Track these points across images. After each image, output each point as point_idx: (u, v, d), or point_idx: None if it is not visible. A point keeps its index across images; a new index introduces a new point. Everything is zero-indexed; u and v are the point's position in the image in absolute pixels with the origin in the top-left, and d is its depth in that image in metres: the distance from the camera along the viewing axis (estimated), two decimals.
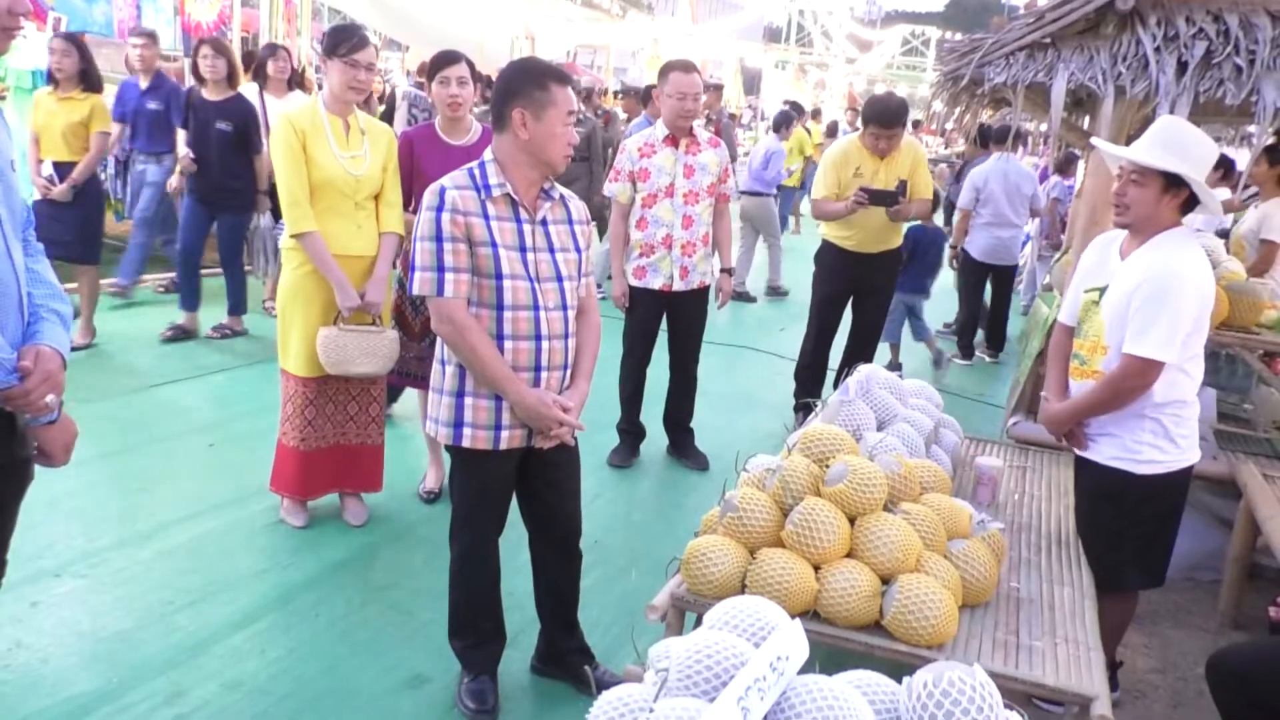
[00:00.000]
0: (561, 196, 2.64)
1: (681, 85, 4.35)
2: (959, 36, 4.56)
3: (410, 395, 4.41)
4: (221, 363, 4.71)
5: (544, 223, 2.58)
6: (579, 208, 2.69)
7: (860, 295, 5.22)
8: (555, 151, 2.53)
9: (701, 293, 4.60)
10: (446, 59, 3.75)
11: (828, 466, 2.51)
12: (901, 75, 40.93)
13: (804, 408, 5.35)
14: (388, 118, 7.68)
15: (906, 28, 52.49)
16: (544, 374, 2.58)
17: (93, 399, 4.74)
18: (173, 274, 6.33)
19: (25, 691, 2.66)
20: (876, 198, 4.79)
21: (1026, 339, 5.16)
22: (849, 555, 2.35)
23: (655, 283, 4.48)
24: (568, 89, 2.51)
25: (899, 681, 1.53)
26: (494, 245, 2.48)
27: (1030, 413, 4.41)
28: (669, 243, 4.44)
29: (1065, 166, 9.37)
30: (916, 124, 20.46)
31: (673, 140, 4.42)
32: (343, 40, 3.43)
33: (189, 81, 8.83)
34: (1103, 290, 2.84)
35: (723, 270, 4.75)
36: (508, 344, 2.53)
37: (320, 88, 10.19)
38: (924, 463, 2.81)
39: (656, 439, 4.88)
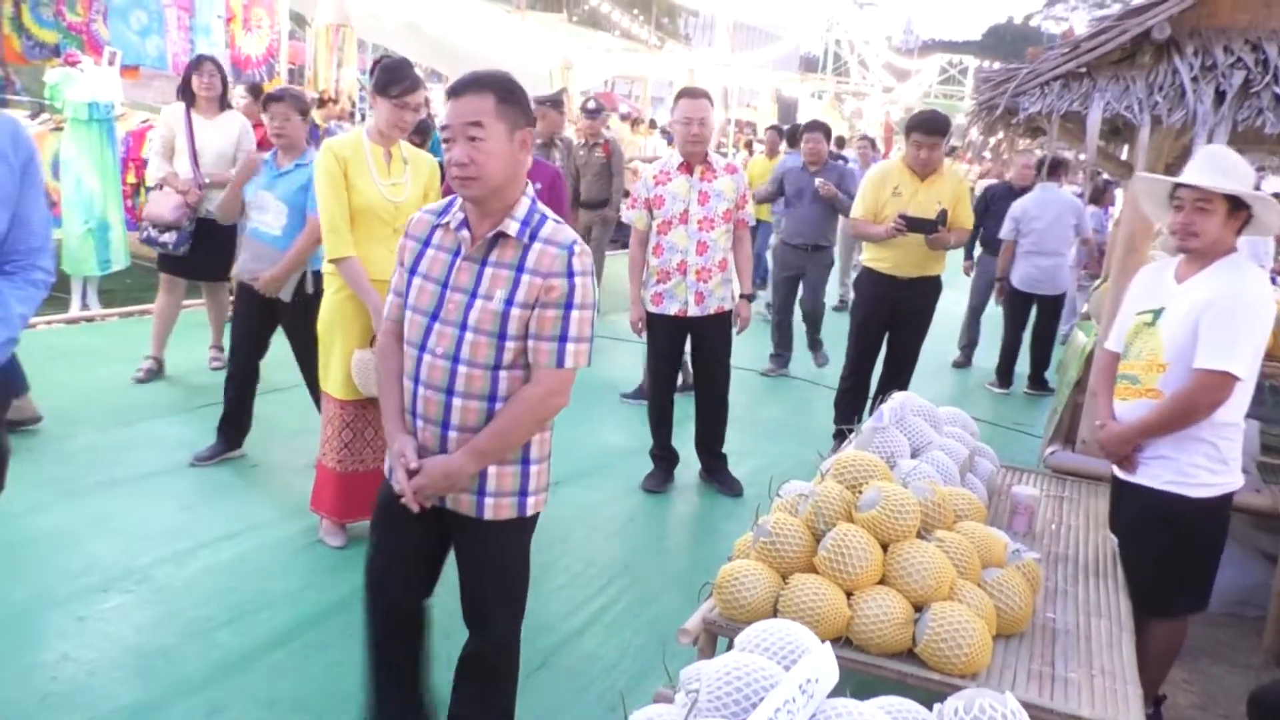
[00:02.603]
0: (533, 239, 2.17)
1: (687, 111, 4.43)
2: (997, 65, 4.56)
3: None
4: (270, 383, 4.81)
5: (484, 262, 2.19)
6: (549, 258, 2.15)
7: (898, 320, 5.19)
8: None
9: (721, 318, 4.60)
10: None
11: (860, 493, 2.51)
12: (939, 104, 40.87)
13: (842, 434, 5.33)
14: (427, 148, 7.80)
15: (944, 57, 52.45)
16: (419, 423, 2.26)
17: (147, 419, 4.85)
18: None
19: (72, 702, 2.72)
20: (915, 225, 4.80)
21: (1064, 368, 5.13)
22: (881, 582, 2.35)
23: (671, 309, 4.52)
24: (450, 101, 2.18)
25: (930, 710, 1.53)
26: (413, 273, 2.30)
27: (1068, 442, 4.37)
28: (684, 269, 4.47)
29: (1100, 195, 9.30)
30: (953, 150, 20.41)
31: (687, 167, 4.47)
32: (394, 82, 3.50)
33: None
34: (1157, 312, 2.86)
35: (742, 296, 4.73)
36: (405, 380, 2.31)
37: (356, 116, 10.39)
38: (958, 490, 2.80)
39: (691, 464, 4.89)
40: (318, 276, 4.21)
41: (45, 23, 7.51)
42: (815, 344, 7.38)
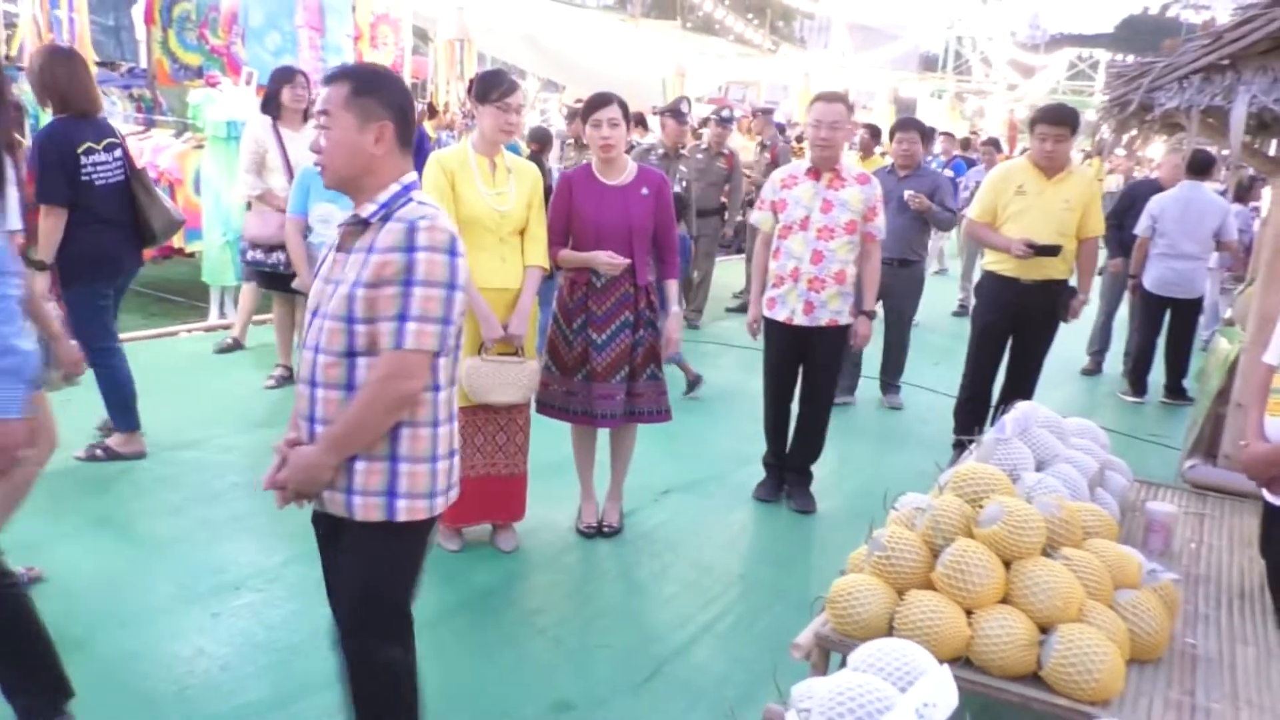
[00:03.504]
0: (384, 221, 2.13)
1: (817, 114, 4.32)
2: (1130, 59, 4.34)
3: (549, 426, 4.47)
4: None
5: (350, 251, 2.17)
6: (391, 234, 2.08)
7: (1022, 327, 4.98)
8: None
9: (832, 332, 4.42)
10: (598, 102, 3.82)
11: (981, 507, 2.43)
12: (1067, 101, 39.32)
13: (961, 445, 5.17)
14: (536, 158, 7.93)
15: (1073, 51, 50.41)
16: (301, 421, 2.21)
17: (279, 423, 5.08)
18: None
19: (206, 696, 2.86)
20: (1041, 251, 4.65)
21: (1206, 376, 4.84)
22: (1003, 601, 2.26)
23: (781, 314, 4.42)
24: (322, 88, 2.20)
25: None
26: (315, 276, 2.31)
27: (1210, 456, 4.13)
28: (796, 276, 4.35)
29: (1245, 193, 8.76)
30: (1092, 155, 19.58)
31: (815, 173, 4.35)
32: (494, 87, 3.57)
33: None
34: None
35: (861, 312, 4.51)
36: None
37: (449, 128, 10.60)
38: (1087, 506, 2.68)
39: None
40: None
41: (189, 46, 7.96)
42: (889, 385, 6.50)
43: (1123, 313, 7.53)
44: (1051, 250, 4.64)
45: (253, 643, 3.15)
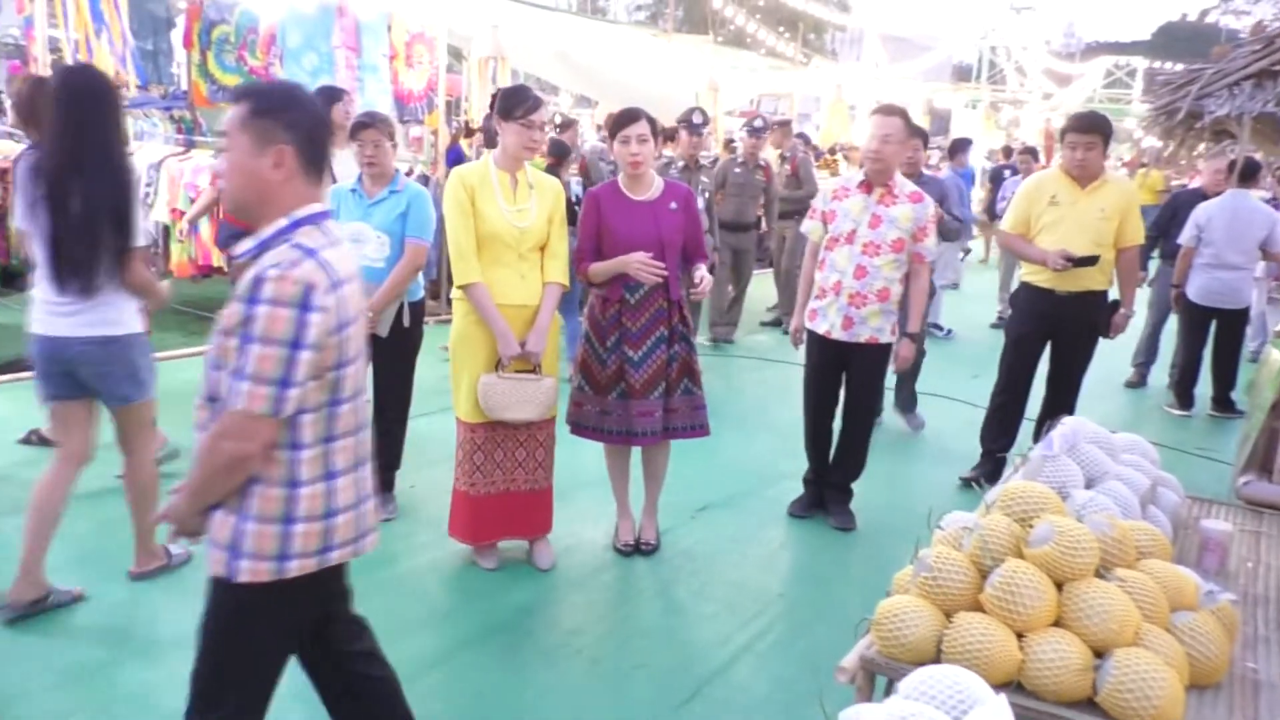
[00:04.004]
0: (257, 260, 1.96)
1: (871, 127, 4.27)
2: (1169, 66, 4.25)
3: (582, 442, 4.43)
4: (421, 407, 5.00)
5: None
6: (244, 281, 1.91)
7: (1059, 340, 4.87)
8: None
9: (873, 350, 4.32)
10: (626, 118, 3.78)
11: (1030, 527, 2.36)
12: (1104, 109, 38.81)
13: (990, 456, 5.10)
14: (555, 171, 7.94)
15: (1109, 59, 49.82)
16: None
17: None
18: None
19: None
20: (1080, 263, 4.55)
21: (1257, 389, 4.71)
22: (1056, 624, 2.19)
23: (820, 327, 4.35)
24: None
25: None
26: None
27: (1265, 471, 4.01)
28: (838, 289, 4.27)
29: None
30: (1143, 166, 19.31)
31: (867, 186, 4.28)
32: (518, 104, 3.56)
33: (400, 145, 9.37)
34: None
35: (905, 334, 4.41)
36: None
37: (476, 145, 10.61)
38: (1140, 525, 2.59)
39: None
40: (414, 308, 4.26)
41: (228, 68, 8.06)
42: (906, 402, 6.15)
43: (1171, 323, 7.38)
44: (1089, 261, 4.55)
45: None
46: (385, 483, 4.40)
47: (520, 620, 3.54)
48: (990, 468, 4.98)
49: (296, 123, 1.98)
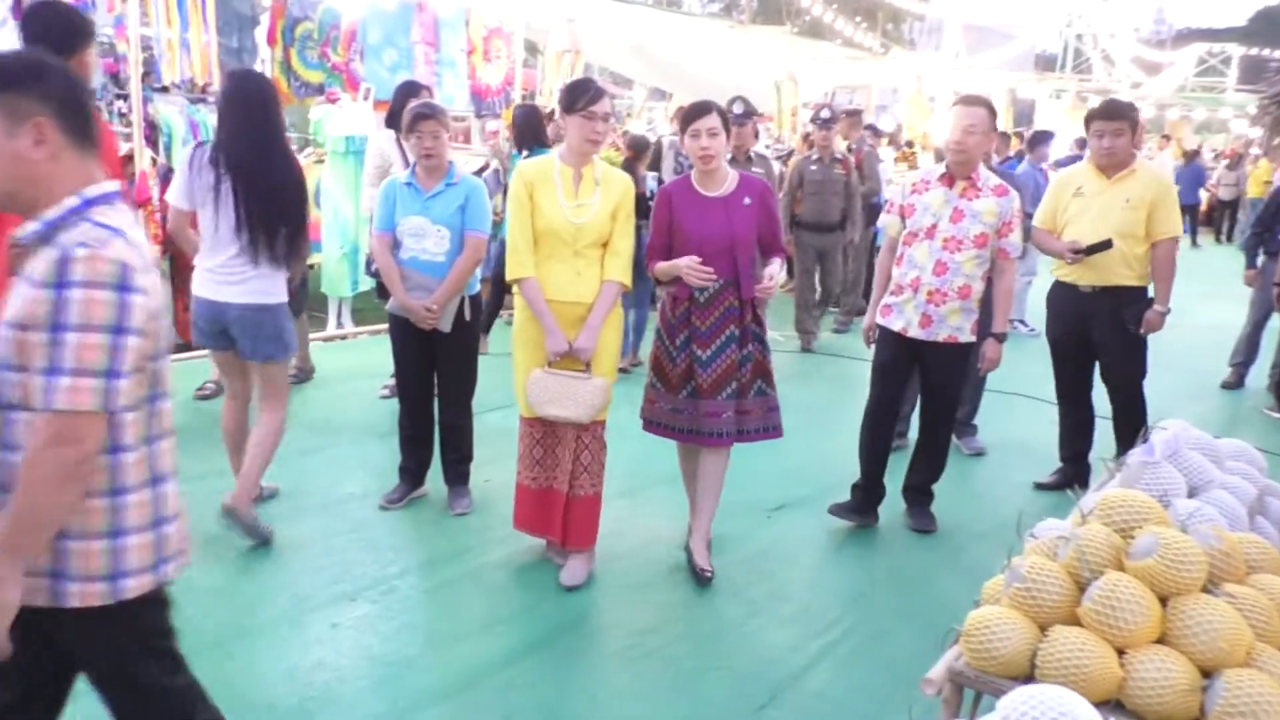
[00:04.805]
0: (44, 245, 1.74)
1: (953, 117, 4.11)
2: (1267, 53, 4.02)
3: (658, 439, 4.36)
4: (494, 400, 5.02)
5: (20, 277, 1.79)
6: (43, 264, 1.70)
7: (1091, 341, 4.64)
8: None
9: (952, 349, 4.14)
10: (696, 111, 3.68)
11: (1131, 538, 2.25)
12: (1197, 98, 37.32)
13: (1066, 463, 4.95)
14: (653, 165, 7.88)
15: (1202, 46, 47.97)
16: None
17: (392, 434, 5.15)
18: None
19: (325, 708, 2.88)
20: (1091, 250, 4.41)
21: None
22: (1159, 641, 2.08)
23: (896, 324, 4.18)
24: None
25: None
26: None
27: None
28: (916, 286, 4.10)
29: None
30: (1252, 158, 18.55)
31: (949, 179, 4.12)
32: (580, 95, 3.53)
33: (474, 141, 9.42)
34: None
35: (991, 334, 4.22)
36: None
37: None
38: (1248, 536, 2.45)
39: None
40: (475, 301, 4.26)
41: (311, 64, 8.19)
42: (961, 425, 5.36)
43: (1274, 322, 7.05)
44: (1101, 247, 4.37)
45: (369, 655, 3.17)
46: (460, 476, 4.43)
47: (592, 619, 3.52)
48: (1069, 474, 4.84)
49: (50, 91, 1.74)
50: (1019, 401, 6.43)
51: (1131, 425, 4.46)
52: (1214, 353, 7.51)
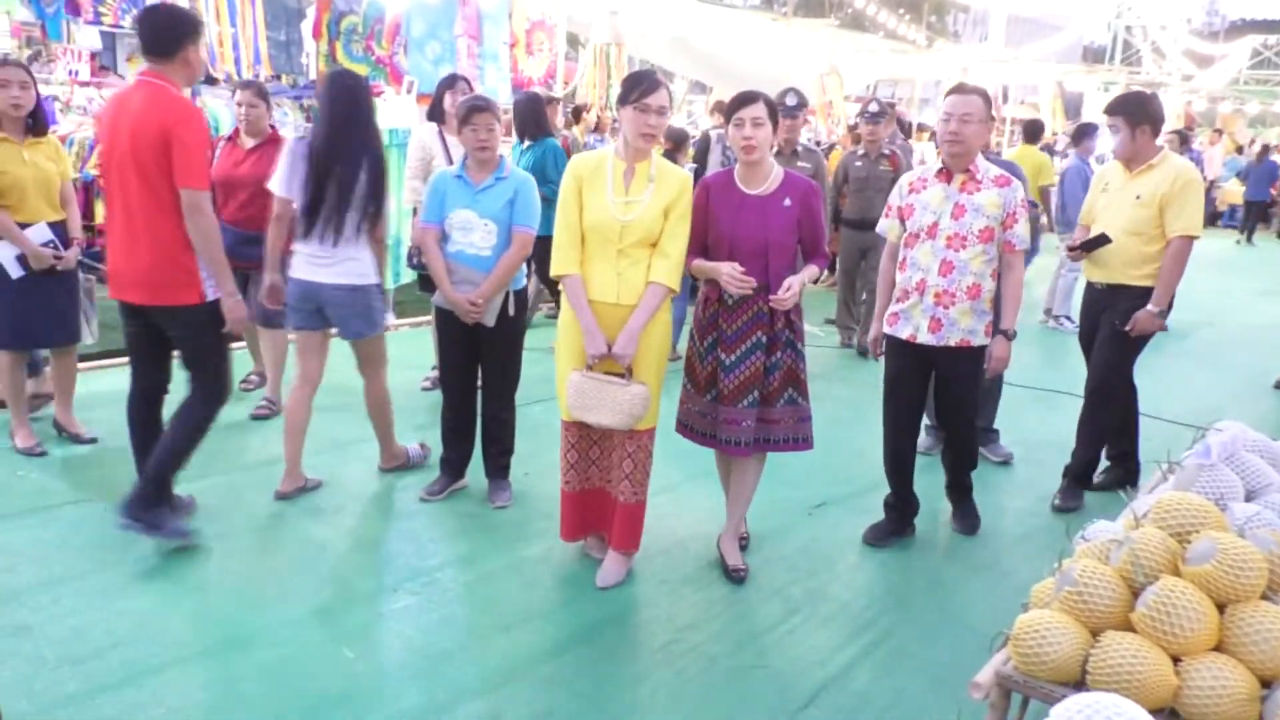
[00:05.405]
0: None
1: (946, 107, 3.88)
2: None
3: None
4: (536, 394, 5.04)
5: None
6: None
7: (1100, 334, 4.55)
8: None
9: (965, 353, 3.95)
10: (742, 100, 3.54)
11: (1187, 542, 2.20)
12: (1251, 91, 36.44)
13: (1119, 458, 4.87)
14: (700, 160, 7.80)
15: (1257, 38, 46.79)
16: None
17: (432, 426, 5.18)
18: None
19: (367, 700, 2.90)
20: (1088, 246, 4.41)
21: None
22: (1216, 649, 2.03)
23: (904, 331, 3.99)
24: None
25: None
26: None
27: None
28: (922, 289, 3.90)
29: None
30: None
31: (946, 174, 3.92)
32: (634, 87, 3.41)
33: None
34: None
35: (999, 331, 3.96)
36: None
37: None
38: None
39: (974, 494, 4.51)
40: (519, 295, 4.24)
41: (356, 57, 8.27)
42: (983, 432, 5.20)
43: None
44: (1097, 243, 4.36)
45: (410, 647, 3.19)
46: (501, 469, 4.43)
47: (633, 614, 3.51)
48: (1118, 474, 4.77)
49: None
50: (1060, 399, 6.32)
51: (1090, 429, 4.56)
52: (1268, 352, 7.34)
